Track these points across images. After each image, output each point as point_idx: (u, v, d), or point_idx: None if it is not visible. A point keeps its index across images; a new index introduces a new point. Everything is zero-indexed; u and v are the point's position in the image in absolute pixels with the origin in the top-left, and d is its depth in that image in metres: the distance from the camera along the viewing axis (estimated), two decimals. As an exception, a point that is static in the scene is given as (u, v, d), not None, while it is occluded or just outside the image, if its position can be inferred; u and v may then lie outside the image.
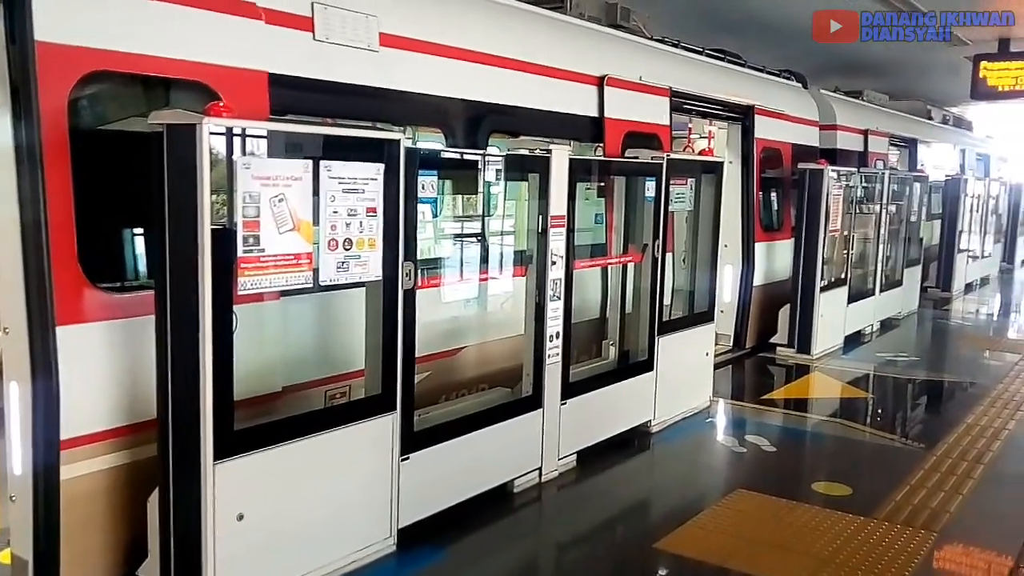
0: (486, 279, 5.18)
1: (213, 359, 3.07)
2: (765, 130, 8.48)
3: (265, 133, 3.24)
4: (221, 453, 3.14)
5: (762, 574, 3.95)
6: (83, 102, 3.49)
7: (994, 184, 16.03)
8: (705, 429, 6.22)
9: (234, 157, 3.09)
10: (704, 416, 6.43)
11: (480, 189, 4.98)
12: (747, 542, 4.31)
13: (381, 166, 3.61)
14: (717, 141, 8.57)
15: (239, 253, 3.12)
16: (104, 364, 3.39)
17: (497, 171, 4.80)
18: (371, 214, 3.60)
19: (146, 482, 3.33)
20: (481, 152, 4.84)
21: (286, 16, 4.02)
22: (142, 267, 3.79)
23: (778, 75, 9.45)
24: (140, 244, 3.87)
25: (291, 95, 4.01)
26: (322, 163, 3.39)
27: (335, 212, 3.47)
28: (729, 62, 8.44)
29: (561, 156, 4.72)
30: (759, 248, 8.49)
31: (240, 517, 3.24)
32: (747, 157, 8.30)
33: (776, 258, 8.78)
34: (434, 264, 4.97)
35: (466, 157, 4.77)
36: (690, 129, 8.44)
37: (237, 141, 3.12)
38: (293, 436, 3.45)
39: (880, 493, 4.91)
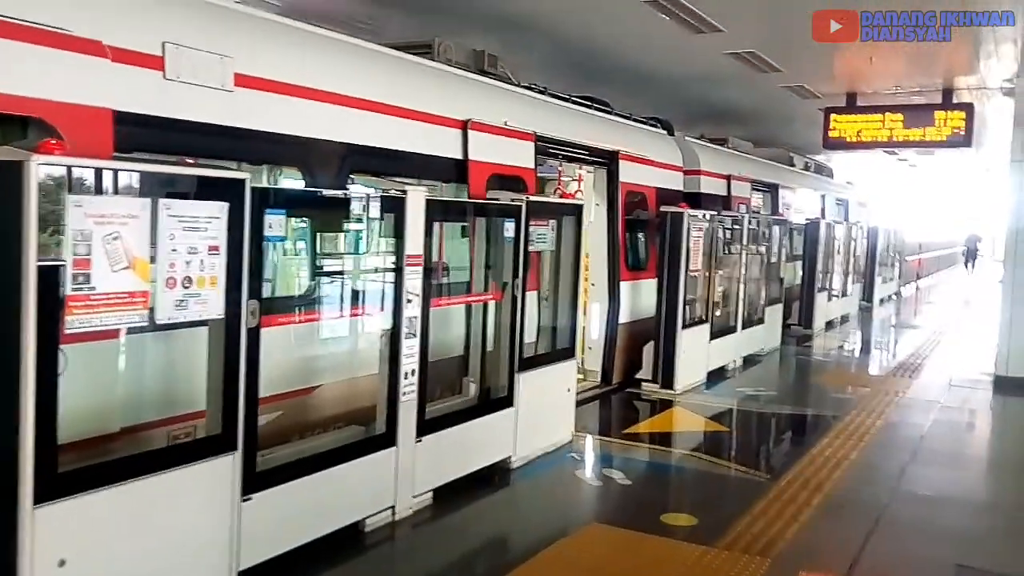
0: (343, 317, 5.26)
1: (35, 399, 3.04)
2: (630, 174, 8.96)
3: (97, 171, 3.26)
4: (42, 497, 3.09)
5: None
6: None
7: (853, 227, 17.31)
8: (565, 464, 6.44)
9: (64, 195, 3.11)
10: (566, 451, 6.66)
11: (336, 228, 5.08)
12: (592, 574, 4.50)
13: (225, 205, 3.69)
14: (586, 184, 8.98)
15: (68, 291, 3.13)
16: None
17: (352, 211, 4.92)
18: (213, 252, 3.66)
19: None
20: (334, 192, 4.94)
21: (134, 55, 4.06)
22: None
23: (644, 122, 10.02)
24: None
25: (138, 133, 4.03)
26: (161, 201, 3.44)
27: (174, 250, 3.51)
28: (596, 109, 8.90)
29: (417, 197, 4.90)
30: (625, 287, 8.91)
31: (62, 563, 3.18)
32: (612, 200, 8.75)
33: (641, 296, 9.23)
34: (288, 302, 5.03)
35: (318, 196, 4.87)
36: (560, 172, 8.83)
37: (67, 178, 3.14)
38: (123, 478, 3.42)
39: (724, 522, 5.18)
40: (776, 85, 11.90)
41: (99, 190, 3.27)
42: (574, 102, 8.50)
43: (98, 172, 3.27)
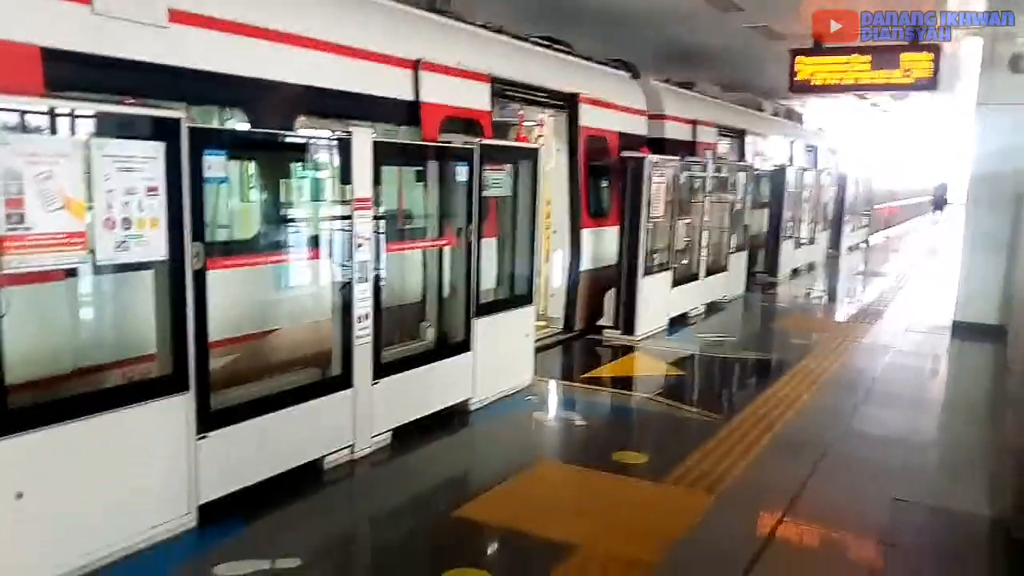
0: (295, 261, 5.32)
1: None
2: (591, 118, 8.99)
3: (25, 108, 3.27)
4: (-9, 433, 3.18)
5: (545, 535, 4.28)
6: None
7: (822, 174, 17.49)
8: (523, 406, 6.60)
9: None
10: (525, 394, 6.82)
11: (282, 171, 5.11)
12: (540, 508, 4.67)
13: (161, 144, 3.71)
14: (547, 129, 9.01)
15: (3, 232, 3.16)
16: None
17: (296, 152, 4.93)
18: (152, 193, 3.70)
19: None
20: (275, 132, 4.95)
21: None
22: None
23: (607, 64, 10.00)
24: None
25: (69, 71, 4.01)
26: (93, 140, 3.45)
27: (111, 191, 3.54)
28: (555, 50, 8.88)
29: (363, 139, 4.93)
30: (586, 234, 9.01)
31: (19, 495, 3.29)
32: (573, 145, 8.79)
33: (603, 244, 9.34)
34: (238, 246, 5.08)
35: (258, 137, 4.87)
36: (521, 116, 8.83)
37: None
38: (76, 415, 3.52)
39: (673, 460, 5.36)
40: (741, 25, 11.88)
41: (27, 129, 3.28)
42: (532, 43, 8.46)
43: (24, 111, 3.27)
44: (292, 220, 5.20)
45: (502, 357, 6.57)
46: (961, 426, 6.73)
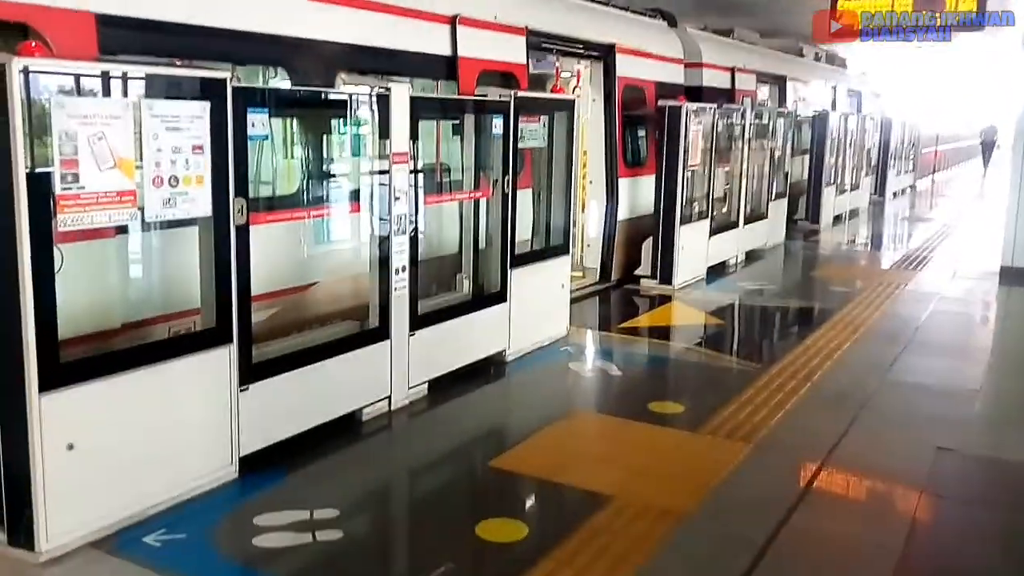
0: (334, 216, 5.41)
1: (34, 295, 3.25)
2: (627, 68, 8.89)
3: (79, 72, 3.37)
4: (46, 385, 3.34)
5: (581, 485, 4.35)
6: None
7: (865, 119, 17.09)
8: (559, 357, 6.68)
9: (48, 96, 3.22)
10: (560, 345, 6.89)
11: (322, 127, 5.18)
12: (574, 458, 4.77)
13: (206, 104, 3.79)
14: (584, 80, 8.93)
15: (57, 191, 3.28)
16: None
17: (336, 109, 4.99)
18: (198, 151, 3.79)
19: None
20: (315, 89, 5.02)
21: None
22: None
23: (643, 14, 9.84)
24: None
25: (122, 35, 4.11)
26: (143, 101, 3.55)
27: (159, 150, 3.64)
28: (591, 1, 8.76)
29: (401, 94, 4.97)
30: (623, 184, 8.98)
31: (70, 447, 3.45)
32: (609, 95, 8.71)
33: (640, 193, 9.31)
34: (279, 201, 5.18)
35: (299, 94, 4.94)
36: (557, 68, 8.77)
37: (51, 81, 3.25)
38: (124, 368, 3.66)
39: (709, 410, 5.38)
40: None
41: (81, 92, 3.38)
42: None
43: (79, 74, 3.37)
44: (332, 175, 5.29)
45: (538, 308, 6.64)
46: (1009, 375, 6.65)
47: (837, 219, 15.25)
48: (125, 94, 3.54)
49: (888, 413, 5.55)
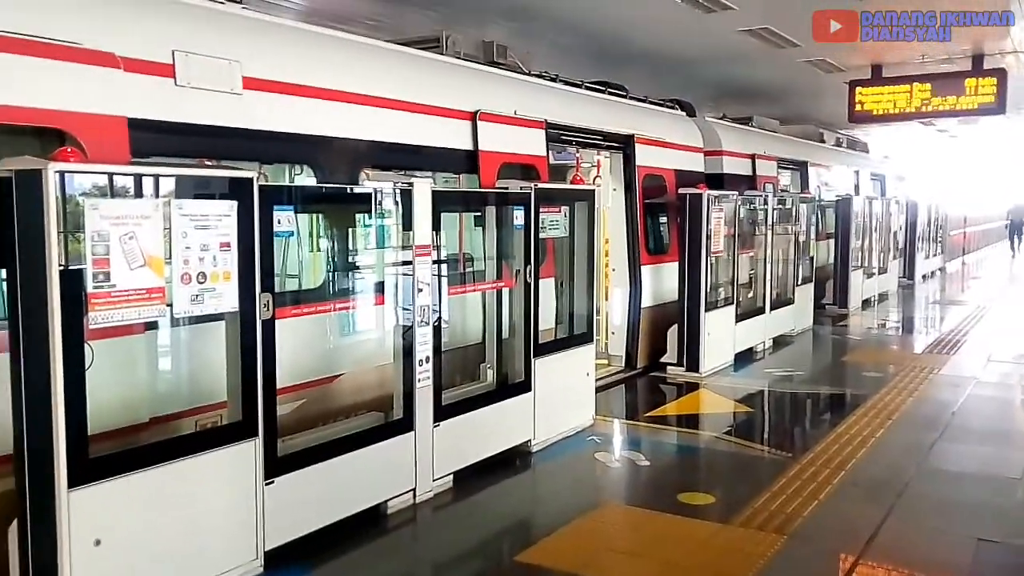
0: (359, 308, 5.52)
1: (64, 391, 3.34)
2: (647, 157, 9.11)
3: (111, 175, 3.55)
4: (75, 481, 3.40)
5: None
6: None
7: (890, 203, 17.17)
8: (586, 447, 6.62)
9: (83, 199, 3.39)
10: (587, 434, 6.85)
11: (346, 222, 5.35)
12: (603, 551, 4.69)
13: (234, 203, 3.96)
14: (604, 169, 9.15)
15: (89, 289, 3.41)
16: None
17: (360, 204, 5.16)
18: (225, 248, 3.93)
19: (7, 513, 3.54)
20: (340, 186, 5.20)
21: (145, 64, 4.35)
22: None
23: (662, 104, 10.13)
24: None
25: (153, 138, 4.32)
26: (173, 202, 3.71)
27: (188, 248, 3.79)
28: (610, 93, 9.05)
29: (423, 189, 5.13)
30: (646, 271, 9.07)
31: (97, 543, 3.49)
32: (630, 184, 8.90)
33: (664, 280, 9.37)
34: (304, 295, 5.31)
35: (324, 191, 5.12)
36: (578, 159, 9.01)
37: (84, 183, 3.44)
38: (151, 463, 3.72)
39: (741, 501, 5.29)
40: (796, 60, 11.90)
41: (113, 193, 3.55)
42: (587, 88, 8.66)
43: (111, 176, 3.56)
44: (357, 268, 5.42)
45: (563, 397, 6.63)
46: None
47: (866, 303, 15.15)
48: (155, 195, 3.73)
49: (926, 502, 5.41)
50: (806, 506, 5.22)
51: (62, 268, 3.34)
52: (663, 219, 9.78)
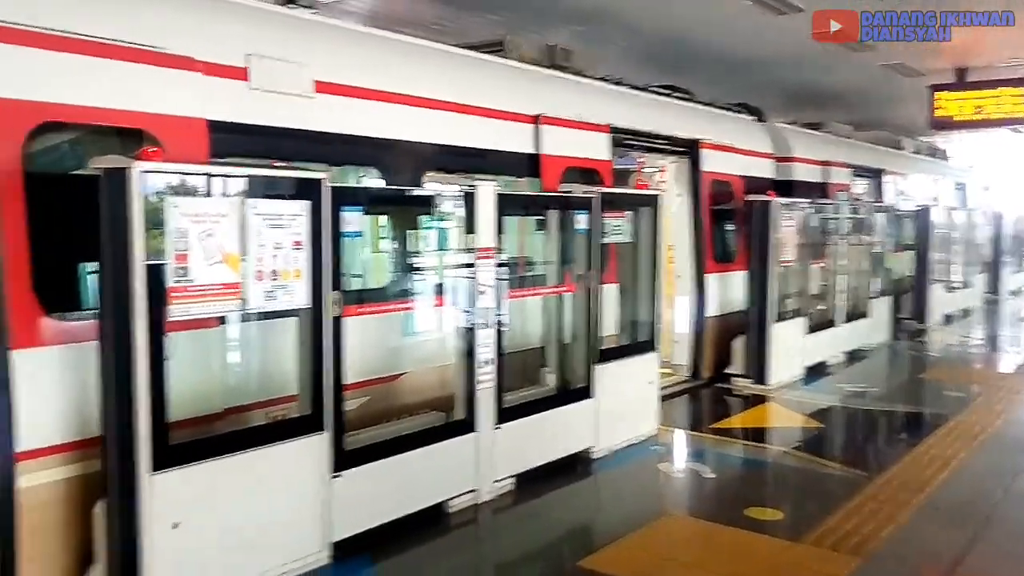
0: (423, 308, 5.74)
1: (148, 379, 3.64)
2: (713, 163, 9.18)
3: (191, 175, 3.84)
4: (157, 465, 3.69)
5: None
6: (39, 150, 4.06)
7: (973, 214, 16.79)
8: (649, 456, 6.72)
9: (164, 197, 3.69)
10: (650, 443, 6.94)
11: (411, 223, 5.59)
12: (667, 562, 4.75)
13: (306, 203, 4.22)
14: (668, 175, 9.25)
15: (170, 283, 3.70)
16: (56, 383, 3.93)
17: (425, 206, 5.39)
18: (297, 247, 4.20)
19: (94, 493, 3.87)
20: (406, 188, 5.45)
21: (222, 67, 4.65)
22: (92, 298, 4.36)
23: (729, 109, 10.19)
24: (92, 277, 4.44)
25: (229, 140, 4.62)
26: (248, 201, 3.99)
27: (262, 245, 4.06)
28: (675, 97, 9.17)
29: (487, 192, 5.35)
30: (712, 279, 9.12)
31: (175, 525, 3.77)
32: (695, 190, 8.98)
33: (730, 289, 9.40)
34: (374, 294, 5.56)
35: (390, 193, 5.38)
36: (641, 163, 9.13)
37: (166, 182, 3.73)
38: (226, 451, 4.01)
39: (812, 518, 5.23)
40: (874, 64, 11.81)
41: (193, 192, 3.84)
42: (652, 92, 8.79)
43: (191, 176, 3.84)
44: (421, 269, 5.65)
45: (625, 404, 6.74)
46: None
47: (948, 318, 14.82)
48: (232, 194, 3.99)
49: (1016, 528, 5.31)
50: (883, 528, 5.13)
51: (145, 261, 3.62)
52: (730, 227, 9.81)
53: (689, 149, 8.95)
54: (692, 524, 5.46)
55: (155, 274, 3.67)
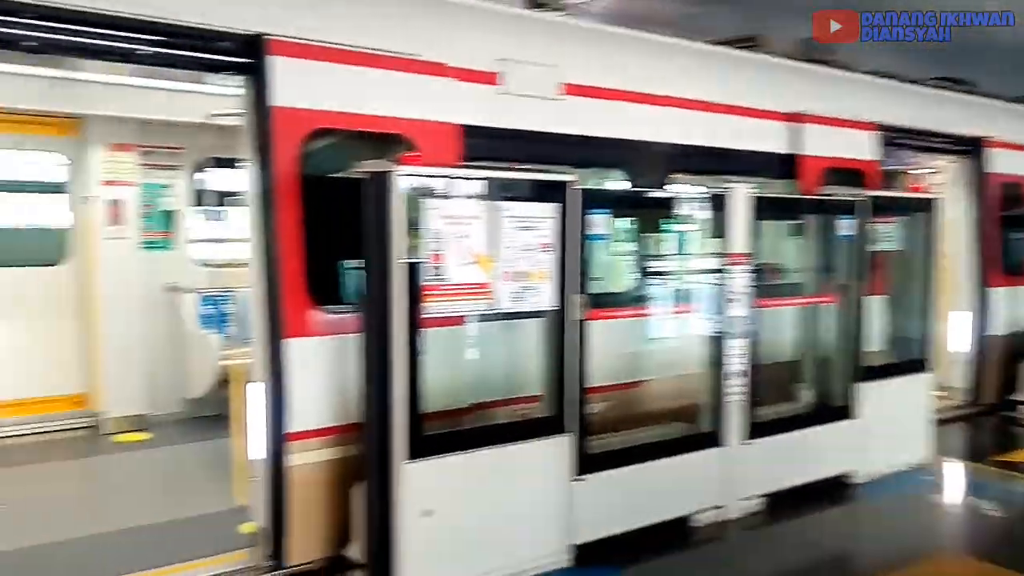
0: (668, 314, 5.63)
1: (404, 373, 3.87)
2: (1002, 164, 8.24)
3: (447, 178, 4.04)
4: (411, 454, 3.92)
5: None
6: (311, 154, 4.44)
7: None
8: (918, 486, 6.13)
9: (422, 200, 3.91)
10: (919, 473, 6.33)
11: (658, 227, 5.51)
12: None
13: (554, 206, 4.30)
14: (945, 176, 8.42)
15: (425, 282, 3.91)
16: (320, 372, 4.29)
17: (674, 209, 5.27)
18: (545, 249, 4.28)
19: (353, 475, 4.20)
20: (654, 190, 5.38)
21: (472, 73, 4.85)
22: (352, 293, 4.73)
23: (1020, 101, 9.09)
24: (351, 274, 4.82)
25: (480, 144, 4.81)
26: (500, 204, 4.13)
27: (511, 247, 4.19)
28: (956, 91, 8.33)
29: (740, 194, 5.15)
30: (998, 293, 8.18)
31: (427, 513, 3.97)
32: (979, 193, 8.11)
33: (1020, 305, 8.38)
34: (614, 298, 5.54)
35: (640, 196, 5.33)
36: (913, 164, 8.39)
37: (424, 185, 3.95)
38: (475, 445, 4.18)
39: None
40: None
41: (447, 195, 4.03)
42: (928, 85, 8.06)
43: (447, 179, 4.04)
44: (666, 274, 5.55)
45: (892, 428, 6.20)
46: None
47: None
48: (485, 197, 4.14)
49: None
50: None
51: (403, 261, 3.85)
52: (1021, 235, 8.73)
53: (971, 148, 8.10)
54: (974, 566, 4.90)
55: (412, 273, 3.89)
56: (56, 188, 7.56)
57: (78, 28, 3.89)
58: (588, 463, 4.56)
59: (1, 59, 6.04)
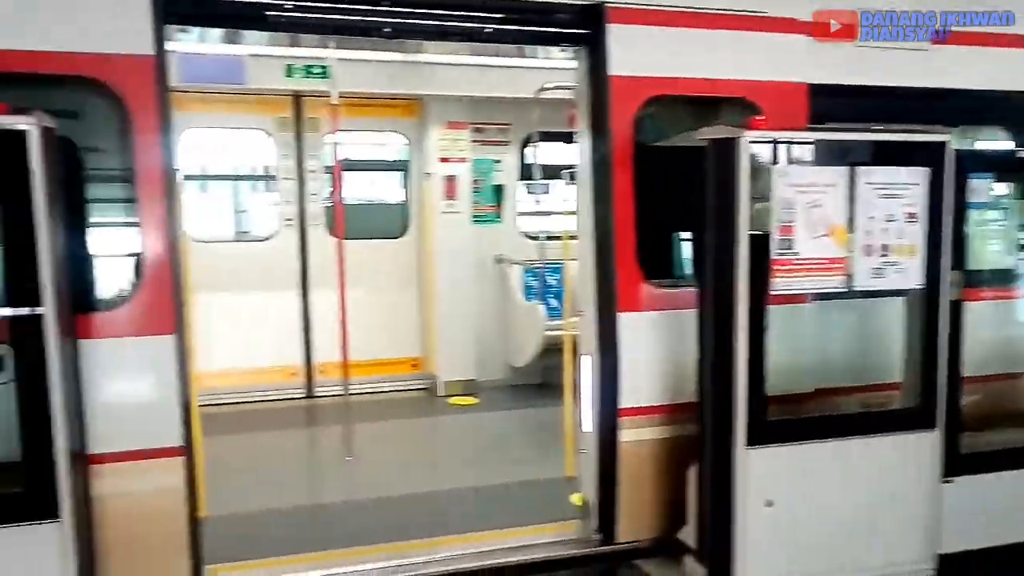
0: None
1: (747, 353, 3.64)
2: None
3: (801, 143, 3.72)
4: (753, 440, 3.69)
5: None
6: (642, 123, 4.33)
7: None
8: None
9: (771, 167, 3.63)
10: None
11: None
12: None
13: (924, 170, 3.80)
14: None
15: (774, 255, 3.64)
16: (652, 348, 4.22)
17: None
18: (911, 220, 3.80)
19: (685, 455, 4.08)
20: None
21: (827, 28, 4.44)
22: (686, 267, 4.57)
23: None
24: (684, 247, 4.64)
25: (829, 103, 4.40)
26: (858, 169, 3.72)
27: (871, 218, 3.76)
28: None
29: None
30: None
31: (769, 503, 3.74)
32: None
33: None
34: (996, 276, 4.86)
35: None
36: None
37: (773, 152, 3.67)
38: (822, 436, 3.86)
39: None
40: None
41: (800, 161, 3.72)
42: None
43: (799, 144, 3.73)
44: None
45: None
46: None
47: None
48: (840, 163, 3.76)
49: None
50: None
51: (751, 234, 3.60)
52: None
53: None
54: None
55: (758, 246, 3.63)
56: (398, 167, 8.24)
57: (429, 11, 4.11)
58: (959, 463, 4.05)
59: (356, 46, 6.61)
